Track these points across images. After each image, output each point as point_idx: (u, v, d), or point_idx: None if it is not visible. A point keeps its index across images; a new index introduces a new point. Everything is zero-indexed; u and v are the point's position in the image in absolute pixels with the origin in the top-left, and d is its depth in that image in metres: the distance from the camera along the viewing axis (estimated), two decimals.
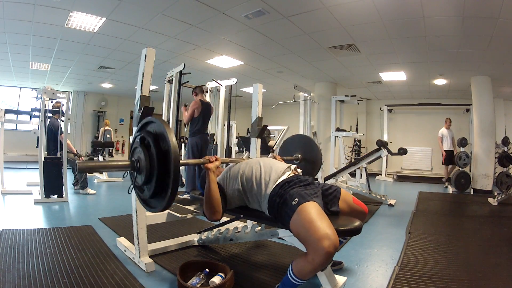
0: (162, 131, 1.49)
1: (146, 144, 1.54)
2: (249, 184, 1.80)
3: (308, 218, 1.46)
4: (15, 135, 8.92)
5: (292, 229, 1.53)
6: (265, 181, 1.75)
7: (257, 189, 1.76)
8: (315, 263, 1.39)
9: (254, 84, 3.13)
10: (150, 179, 1.50)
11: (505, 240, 3.01)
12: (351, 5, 3.69)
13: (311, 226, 1.42)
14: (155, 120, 1.57)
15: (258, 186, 1.76)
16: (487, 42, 4.46)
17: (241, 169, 1.87)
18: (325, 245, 1.34)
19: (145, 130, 1.61)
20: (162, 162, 1.45)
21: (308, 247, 1.42)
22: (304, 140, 2.95)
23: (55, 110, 4.47)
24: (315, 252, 1.37)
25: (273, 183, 1.72)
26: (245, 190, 1.82)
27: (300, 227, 1.48)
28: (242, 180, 1.83)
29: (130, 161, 1.58)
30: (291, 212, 1.53)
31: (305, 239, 1.45)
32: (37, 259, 2.12)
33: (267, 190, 1.72)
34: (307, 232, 1.43)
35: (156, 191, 1.49)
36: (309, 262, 1.41)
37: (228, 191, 1.87)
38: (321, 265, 1.41)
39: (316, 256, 1.37)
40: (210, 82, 6.14)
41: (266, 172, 1.79)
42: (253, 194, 1.79)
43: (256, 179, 1.78)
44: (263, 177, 1.77)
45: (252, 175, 1.80)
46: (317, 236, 1.37)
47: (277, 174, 1.76)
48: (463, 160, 6.38)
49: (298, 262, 1.49)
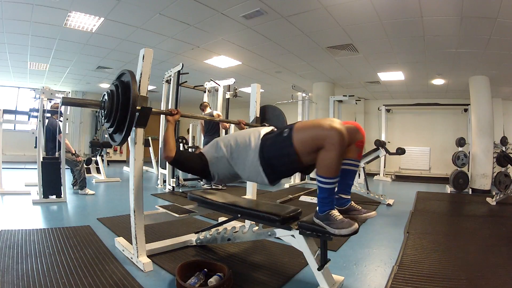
0: (129, 81, 1.87)
1: (116, 91, 1.93)
2: (236, 149, 1.84)
3: (307, 124, 1.57)
4: (14, 135, 8.91)
5: (299, 142, 1.55)
6: (254, 136, 1.79)
7: (245, 147, 1.80)
8: (333, 147, 1.44)
9: (252, 84, 3.14)
10: (111, 117, 1.93)
11: (503, 240, 3.01)
12: (349, 5, 3.70)
13: (313, 125, 1.52)
14: (126, 72, 1.94)
15: (248, 144, 1.79)
16: (485, 42, 4.48)
17: (226, 141, 1.94)
18: (333, 125, 1.44)
19: (119, 79, 1.97)
20: (123, 106, 1.85)
21: (320, 141, 1.47)
22: (271, 110, 3.06)
23: (54, 110, 4.46)
24: (328, 138, 1.44)
25: (258, 139, 1.77)
26: (232, 157, 1.86)
27: (305, 133, 1.54)
28: (228, 149, 1.89)
29: (100, 102, 2.03)
30: (289, 137, 1.58)
31: (315, 138, 1.50)
32: (36, 259, 2.11)
33: (257, 141, 1.75)
34: (312, 131, 1.51)
35: (116, 128, 1.91)
36: (328, 150, 1.46)
37: (213, 161, 1.95)
38: (340, 144, 1.44)
39: (330, 139, 1.43)
40: (208, 82, 6.15)
41: (251, 132, 1.86)
42: (240, 154, 1.82)
43: (244, 139, 1.83)
44: (251, 135, 1.82)
45: (238, 138, 1.87)
46: (323, 125, 1.46)
47: (260, 132, 1.82)
48: (461, 160, 6.39)
49: (320, 163, 1.51)
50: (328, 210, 1.61)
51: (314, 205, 4.32)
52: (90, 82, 8.70)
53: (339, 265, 2.27)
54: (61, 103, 1.96)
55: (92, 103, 2.10)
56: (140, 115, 1.95)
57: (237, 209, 1.99)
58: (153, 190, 5.30)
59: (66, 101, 1.96)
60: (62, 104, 2.00)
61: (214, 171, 1.97)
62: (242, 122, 2.74)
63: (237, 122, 2.75)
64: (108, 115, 1.96)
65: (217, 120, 4.82)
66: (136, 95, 1.84)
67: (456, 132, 8.22)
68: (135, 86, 1.85)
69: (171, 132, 2.07)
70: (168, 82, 5.59)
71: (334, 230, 1.55)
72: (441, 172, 8.71)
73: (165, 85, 5.74)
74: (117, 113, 1.88)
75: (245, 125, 2.77)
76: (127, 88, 1.88)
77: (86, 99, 2.18)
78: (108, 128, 2.00)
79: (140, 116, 1.95)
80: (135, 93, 1.83)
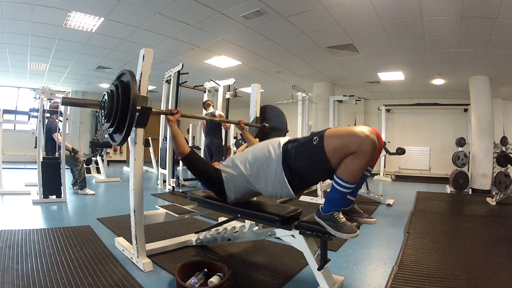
0: (129, 81, 1.88)
1: (116, 91, 1.94)
2: (254, 165, 1.79)
3: (339, 131, 1.54)
4: (14, 135, 8.91)
5: (331, 151, 1.52)
6: (273, 147, 1.75)
7: (266, 159, 1.74)
8: (366, 153, 1.44)
9: (252, 84, 3.14)
10: (111, 117, 1.94)
11: (503, 240, 3.01)
12: (350, 5, 3.70)
13: (347, 132, 1.50)
14: (126, 72, 1.95)
15: (268, 155, 1.74)
16: (485, 42, 4.48)
17: (242, 157, 1.89)
18: (367, 134, 1.45)
19: (119, 79, 1.98)
20: (124, 106, 1.86)
21: (353, 148, 1.46)
22: (271, 110, 3.06)
23: (53, 110, 4.46)
24: (362, 145, 1.43)
25: (279, 148, 1.73)
26: (252, 173, 1.80)
27: (338, 141, 1.51)
28: (246, 165, 1.83)
29: (100, 102, 2.04)
30: (321, 145, 1.54)
31: (348, 145, 1.47)
32: (36, 259, 2.11)
33: (278, 151, 1.71)
34: (346, 138, 1.48)
35: (116, 128, 1.92)
36: (358, 157, 1.45)
37: (229, 179, 1.91)
38: (371, 153, 1.45)
39: (364, 147, 1.43)
40: (208, 82, 6.15)
41: (269, 143, 1.82)
42: (260, 168, 1.76)
43: (263, 152, 1.78)
44: (269, 146, 1.78)
45: (255, 152, 1.83)
46: (358, 133, 1.46)
47: (279, 141, 1.78)
48: (461, 160, 6.39)
49: (345, 168, 1.50)
50: (334, 211, 1.60)
51: (314, 205, 4.33)
52: (90, 82, 8.70)
53: (339, 265, 2.27)
54: (61, 103, 1.97)
55: (92, 103, 2.11)
56: (140, 115, 1.95)
57: (237, 209, 1.99)
58: (153, 190, 5.30)
59: (66, 101, 1.97)
60: (62, 104, 2.00)
61: (230, 190, 1.92)
62: (242, 122, 2.74)
63: (237, 122, 2.75)
64: (108, 115, 1.97)
65: (217, 120, 4.81)
66: (136, 95, 1.84)
67: (456, 132, 8.22)
68: (135, 86, 1.86)
69: (177, 129, 2.08)
70: (168, 82, 5.59)
71: (335, 232, 1.56)
72: (441, 172, 8.71)
73: (165, 85, 5.74)
74: (117, 113, 1.89)
75: (245, 125, 2.77)
76: (127, 88, 1.88)
77: (86, 99, 2.17)
78: (108, 128, 2.00)
79: (140, 116, 1.95)
80: (135, 93, 1.84)
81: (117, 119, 1.89)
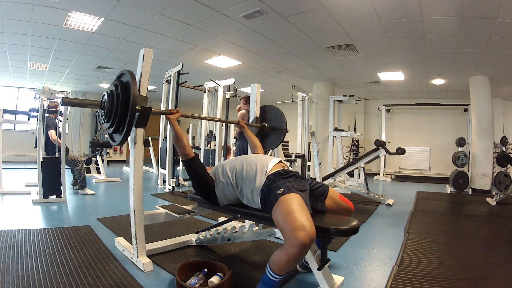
0: (128, 81, 1.88)
1: (116, 90, 1.94)
2: (240, 178, 1.84)
3: (287, 209, 1.48)
4: (14, 135, 8.92)
5: (273, 218, 1.56)
6: (257, 174, 1.78)
7: (249, 183, 1.79)
8: (290, 254, 1.38)
9: (252, 84, 3.13)
10: (110, 117, 1.94)
11: (503, 240, 3.02)
12: (350, 5, 3.70)
13: (289, 217, 1.44)
14: (126, 72, 1.95)
15: (251, 180, 1.78)
16: (485, 42, 4.48)
17: (232, 165, 1.93)
18: (300, 236, 1.35)
19: (119, 79, 1.98)
20: (123, 106, 1.86)
21: (285, 237, 1.44)
22: (271, 110, 3.07)
23: (52, 110, 4.45)
24: (290, 242, 1.39)
25: (264, 175, 1.76)
26: (237, 184, 1.86)
27: (279, 216, 1.50)
28: (233, 174, 1.88)
29: (100, 102, 2.04)
30: (274, 201, 1.56)
31: (282, 229, 1.47)
32: (36, 259, 2.11)
33: (259, 181, 1.74)
34: (284, 222, 1.45)
35: (116, 128, 1.92)
36: (284, 253, 1.41)
37: (219, 186, 1.94)
38: (296, 256, 1.39)
39: (290, 246, 1.38)
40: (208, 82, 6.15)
41: (257, 165, 1.83)
42: (245, 187, 1.82)
43: (251, 168, 1.82)
44: (258, 166, 1.81)
45: (243, 170, 1.85)
46: (293, 226, 1.39)
47: (267, 167, 1.80)
48: (461, 160, 6.40)
49: (275, 255, 1.47)
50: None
51: None
52: (90, 82, 8.69)
53: (339, 265, 2.27)
54: (61, 103, 1.95)
55: (92, 103, 2.11)
56: (140, 115, 1.95)
57: (237, 209, 1.99)
58: (153, 190, 5.30)
59: (66, 101, 1.96)
60: (62, 104, 2.00)
61: (221, 195, 1.96)
62: (242, 122, 2.74)
63: (237, 122, 2.75)
64: (108, 115, 1.97)
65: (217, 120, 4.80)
66: (136, 95, 1.84)
67: (456, 132, 8.22)
68: (135, 86, 1.85)
69: (179, 128, 2.08)
70: (168, 82, 5.59)
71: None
72: (441, 172, 8.71)
73: (165, 85, 5.74)
74: (117, 113, 1.89)
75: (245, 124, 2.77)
76: (127, 88, 1.88)
77: (86, 99, 2.17)
78: (108, 128, 2.00)
79: (140, 116, 1.95)
80: (135, 93, 1.84)
81: (117, 119, 1.89)
